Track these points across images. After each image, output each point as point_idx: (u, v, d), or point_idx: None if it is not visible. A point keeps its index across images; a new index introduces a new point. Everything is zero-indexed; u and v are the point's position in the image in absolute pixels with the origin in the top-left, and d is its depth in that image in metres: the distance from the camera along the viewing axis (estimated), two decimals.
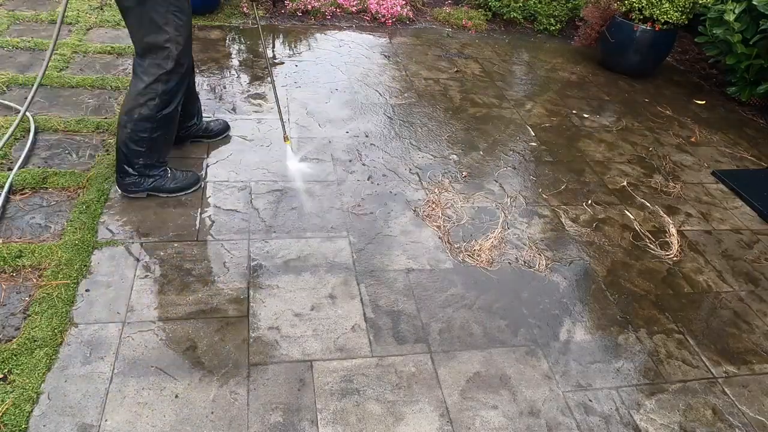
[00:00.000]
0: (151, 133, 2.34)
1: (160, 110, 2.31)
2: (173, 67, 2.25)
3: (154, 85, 2.26)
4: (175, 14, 2.15)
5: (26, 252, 2.13)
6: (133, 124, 2.31)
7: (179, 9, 2.16)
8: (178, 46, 2.21)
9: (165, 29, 2.16)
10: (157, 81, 2.26)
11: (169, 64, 2.23)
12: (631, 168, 3.32)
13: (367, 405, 1.82)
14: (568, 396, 1.95)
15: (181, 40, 2.21)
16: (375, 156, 3.04)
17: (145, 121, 2.31)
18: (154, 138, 2.36)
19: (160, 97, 2.29)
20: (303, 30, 4.47)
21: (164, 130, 2.39)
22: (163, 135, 2.40)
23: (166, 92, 2.29)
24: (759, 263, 2.73)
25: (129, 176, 2.41)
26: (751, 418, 1.98)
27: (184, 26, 2.20)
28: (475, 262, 2.44)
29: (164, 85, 2.28)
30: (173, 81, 2.29)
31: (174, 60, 2.24)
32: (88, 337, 1.88)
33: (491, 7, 5.14)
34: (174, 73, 2.27)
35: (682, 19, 4.18)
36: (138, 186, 2.43)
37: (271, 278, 2.21)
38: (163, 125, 2.37)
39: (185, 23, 2.20)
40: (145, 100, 2.28)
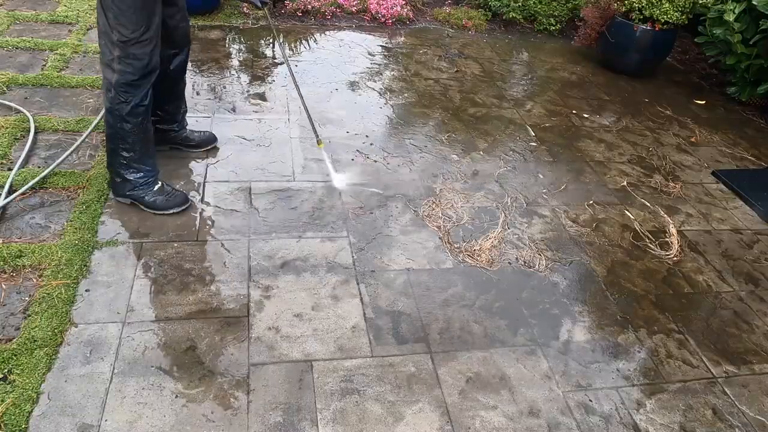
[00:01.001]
0: (117, 126, 2.25)
1: (118, 103, 2.20)
2: (119, 55, 2.13)
3: (106, 73, 2.19)
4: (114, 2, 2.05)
5: (26, 252, 2.12)
6: (105, 117, 2.28)
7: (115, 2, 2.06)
8: (120, 36, 2.09)
9: (107, 15, 2.08)
10: (108, 70, 2.18)
11: (114, 51, 2.13)
12: (631, 168, 3.32)
13: (367, 405, 1.82)
14: (568, 396, 1.95)
15: (125, 30, 2.09)
16: (375, 156, 3.04)
17: (108, 113, 2.25)
18: (122, 132, 2.26)
19: (116, 90, 2.18)
20: (303, 30, 4.47)
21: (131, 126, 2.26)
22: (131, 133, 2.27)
23: (120, 84, 2.17)
24: (759, 263, 2.73)
25: (112, 176, 2.40)
26: (751, 418, 1.98)
27: (125, 16, 2.07)
28: (475, 262, 2.44)
29: (116, 75, 2.16)
30: (127, 73, 2.16)
31: (119, 48, 2.12)
32: (88, 337, 1.88)
33: (491, 7, 5.14)
34: (123, 63, 2.14)
35: (682, 19, 4.18)
36: (118, 189, 2.40)
37: (271, 278, 2.21)
38: (125, 121, 2.24)
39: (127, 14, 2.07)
40: (105, 92, 2.22)
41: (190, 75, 3.55)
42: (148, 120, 2.34)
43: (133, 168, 2.35)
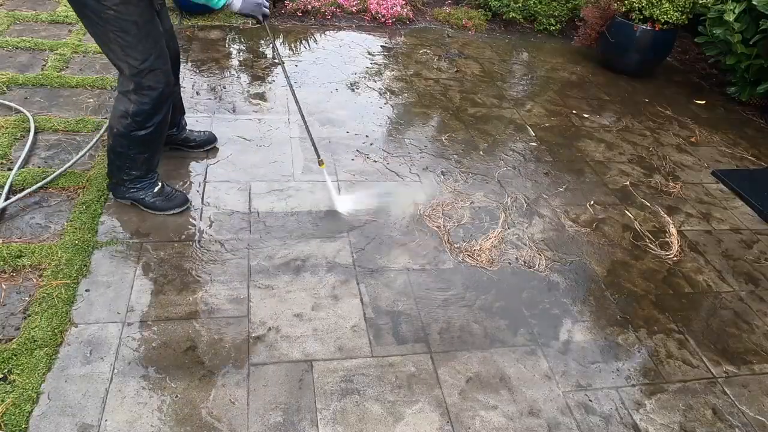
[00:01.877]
0: (128, 150, 2.27)
1: (133, 131, 2.21)
2: (134, 88, 2.13)
3: (122, 103, 2.17)
4: (116, 33, 2.00)
5: (26, 252, 2.12)
6: (112, 138, 2.26)
7: (120, 29, 2.00)
8: (131, 68, 2.08)
9: (111, 48, 2.04)
10: (124, 99, 2.17)
11: (129, 84, 2.12)
12: (631, 168, 3.32)
13: (367, 405, 1.82)
14: (568, 396, 1.95)
15: (134, 62, 2.07)
16: (375, 156, 3.04)
17: (121, 137, 2.24)
18: (131, 156, 2.29)
19: (132, 118, 2.18)
20: (303, 30, 4.47)
21: (141, 149, 2.29)
22: (142, 154, 2.30)
23: (137, 113, 2.18)
24: (759, 263, 2.73)
25: (111, 181, 2.40)
26: (751, 418, 1.98)
27: (131, 47, 2.04)
28: (475, 262, 2.44)
29: (133, 105, 2.16)
30: (144, 104, 2.16)
31: (134, 82, 2.11)
32: (88, 337, 1.88)
33: (491, 7, 5.14)
34: (139, 94, 2.15)
35: (682, 19, 4.18)
36: (118, 191, 2.40)
37: (271, 278, 2.21)
38: (140, 145, 2.27)
39: (132, 44, 2.04)
40: (118, 117, 2.20)
41: (190, 75, 3.55)
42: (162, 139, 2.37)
43: (137, 179, 2.37)
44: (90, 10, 1.95)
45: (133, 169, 2.32)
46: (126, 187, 2.36)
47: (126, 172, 2.32)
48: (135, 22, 2.00)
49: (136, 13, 1.99)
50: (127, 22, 1.99)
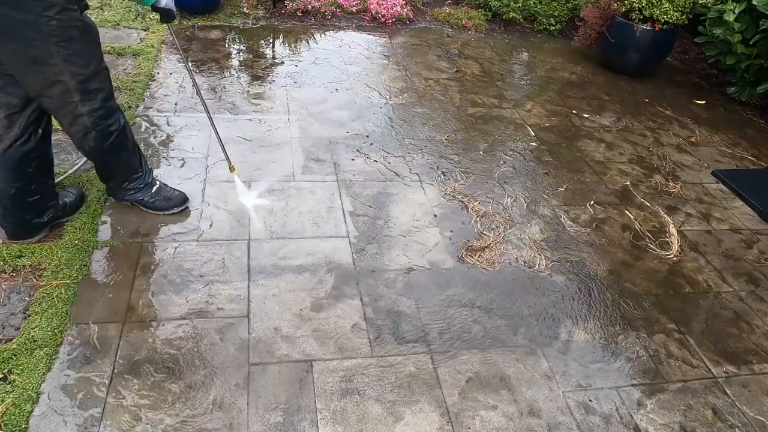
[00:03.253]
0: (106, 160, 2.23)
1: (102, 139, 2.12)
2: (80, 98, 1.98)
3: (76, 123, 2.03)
4: (59, 45, 1.85)
5: (26, 252, 2.13)
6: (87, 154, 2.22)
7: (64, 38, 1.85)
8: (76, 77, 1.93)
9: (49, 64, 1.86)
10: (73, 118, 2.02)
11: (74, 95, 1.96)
12: (631, 168, 3.32)
13: (367, 405, 1.82)
14: (568, 396, 1.95)
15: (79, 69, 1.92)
16: (375, 156, 3.04)
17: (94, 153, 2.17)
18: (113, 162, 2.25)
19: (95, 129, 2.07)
20: (303, 30, 4.47)
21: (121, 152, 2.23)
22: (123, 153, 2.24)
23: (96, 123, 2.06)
24: (759, 263, 2.73)
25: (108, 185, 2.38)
26: (751, 418, 1.98)
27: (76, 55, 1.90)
28: (475, 262, 2.44)
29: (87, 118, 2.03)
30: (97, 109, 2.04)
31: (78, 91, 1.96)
32: (88, 337, 1.88)
33: (491, 7, 5.14)
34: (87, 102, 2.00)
35: (682, 19, 4.18)
36: (117, 194, 2.39)
37: (271, 278, 2.21)
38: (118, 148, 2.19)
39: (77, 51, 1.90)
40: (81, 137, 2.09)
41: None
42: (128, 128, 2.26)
43: (131, 178, 2.34)
44: (28, 27, 1.77)
45: (121, 168, 2.29)
46: (123, 189, 2.35)
47: (117, 175, 2.30)
48: (76, 27, 1.90)
49: (75, 18, 1.89)
50: (70, 29, 1.87)
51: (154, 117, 3.07)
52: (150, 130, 2.96)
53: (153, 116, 3.08)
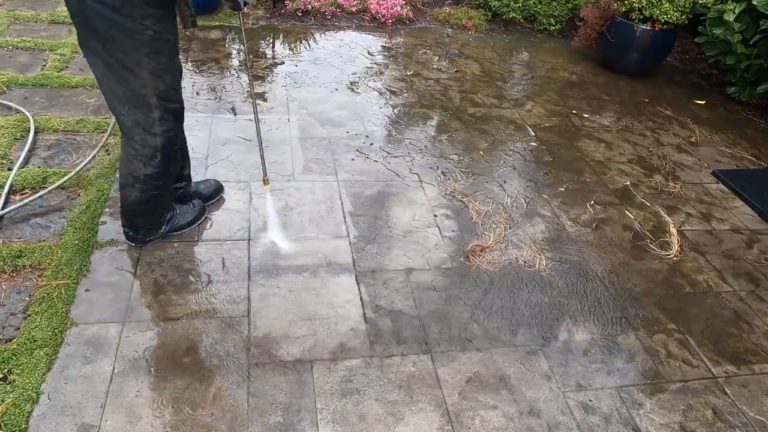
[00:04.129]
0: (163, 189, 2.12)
1: (165, 165, 2.04)
2: (160, 116, 1.93)
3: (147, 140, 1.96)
4: (150, 57, 1.81)
5: (26, 252, 2.12)
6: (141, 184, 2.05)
7: (155, 50, 1.81)
8: (158, 92, 1.88)
9: (136, 75, 1.82)
10: (147, 137, 1.95)
11: (154, 113, 1.91)
12: (631, 168, 3.32)
13: (367, 405, 1.82)
14: (568, 396, 1.95)
15: (162, 85, 1.88)
16: (375, 156, 3.04)
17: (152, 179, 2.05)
18: (155, 196, 2.12)
19: (162, 152, 2.00)
20: (303, 30, 4.47)
21: (165, 188, 2.15)
22: (165, 191, 2.16)
23: (165, 145, 2.00)
24: (759, 263, 2.73)
25: (136, 232, 2.20)
26: (751, 418, 1.98)
27: (163, 69, 1.86)
28: (475, 262, 2.44)
29: (160, 138, 1.97)
30: (169, 131, 1.99)
31: (160, 108, 1.92)
32: (88, 337, 1.88)
33: (491, 7, 5.14)
34: (163, 121, 1.95)
35: (682, 19, 4.18)
36: (145, 238, 2.23)
37: (271, 278, 2.21)
38: (164, 183, 2.12)
39: (164, 65, 1.86)
40: (146, 160, 2.00)
41: (190, 75, 3.55)
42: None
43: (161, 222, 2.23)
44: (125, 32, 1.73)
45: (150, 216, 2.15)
46: (164, 224, 2.21)
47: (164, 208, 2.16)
48: (168, 41, 1.85)
49: (169, 31, 1.84)
50: (162, 42, 1.82)
51: None
52: None
53: None
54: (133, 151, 1.98)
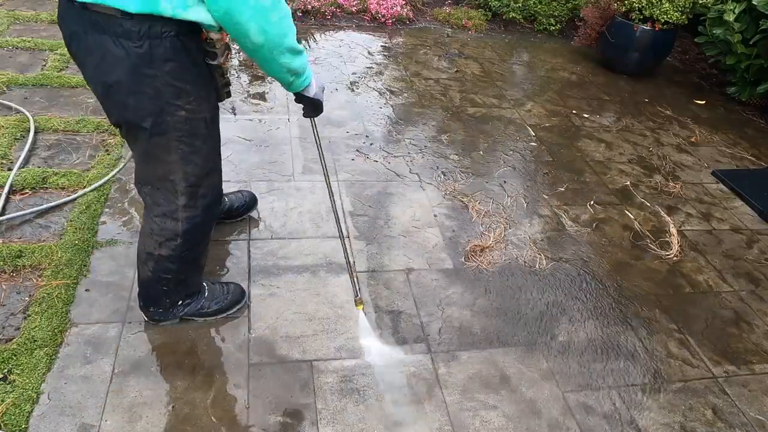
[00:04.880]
0: (177, 274, 1.82)
1: (185, 251, 1.77)
2: (185, 203, 1.68)
3: (170, 225, 1.71)
4: (182, 140, 1.56)
5: (26, 252, 2.12)
6: (154, 263, 1.79)
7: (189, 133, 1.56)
8: (188, 178, 1.63)
9: (163, 161, 1.58)
10: (172, 220, 1.70)
11: (177, 200, 1.66)
12: (631, 168, 3.32)
13: (367, 405, 1.82)
14: (568, 396, 1.95)
15: (194, 169, 1.63)
16: (375, 156, 3.04)
17: (168, 261, 1.78)
18: (181, 279, 1.86)
19: (183, 237, 1.73)
20: (303, 30, 4.47)
21: (194, 266, 1.88)
22: (193, 269, 1.89)
23: (189, 231, 1.73)
24: (759, 263, 2.73)
25: (154, 308, 1.91)
26: (751, 418, 1.98)
27: (195, 153, 1.60)
28: (475, 262, 2.44)
29: (183, 224, 1.71)
30: (196, 217, 1.72)
31: (186, 195, 1.66)
32: (88, 337, 1.88)
33: (491, 7, 5.14)
34: (190, 208, 1.69)
35: (682, 19, 4.18)
36: (167, 315, 1.93)
37: (271, 278, 2.21)
38: (192, 262, 1.85)
39: (197, 149, 1.61)
40: (164, 241, 1.74)
41: None
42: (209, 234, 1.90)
43: (185, 299, 1.93)
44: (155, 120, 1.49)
45: (173, 294, 1.88)
46: (179, 306, 1.93)
47: (177, 293, 1.89)
48: (204, 120, 1.59)
49: (207, 109, 1.59)
50: (198, 122, 1.57)
51: None
52: None
53: None
54: (149, 229, 1.74)
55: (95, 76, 1.46)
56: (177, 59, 1.42)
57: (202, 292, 1.97)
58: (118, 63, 1.38)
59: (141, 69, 1.39)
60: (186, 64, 1.46)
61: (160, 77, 1.41)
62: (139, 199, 2.45)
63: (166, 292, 1.86)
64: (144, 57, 1.38)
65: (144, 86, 1.42)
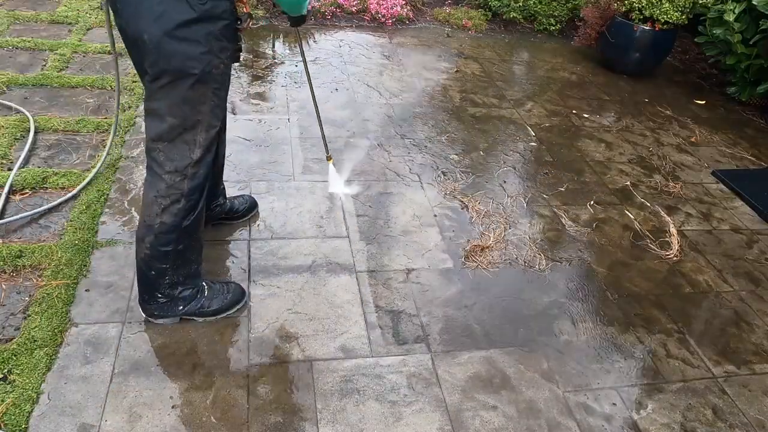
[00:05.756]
0: (176, 245, 1.81)
1: (186, 216, 1.79)
2: (201, 155, 1.74)
3: (178, 183, 1.73)
4: (216, 92, 1.70)
5: (26, 252, 2.12)
6: (153, 237, 1.78)
7: (221, 86, 1.71)
8: (210, 130, 1.73)
9: (198, 111, 1.68)
10: (181, 176, 1.73)
11: (196, 152, 1.72)
12: (631, 168, 3.32)
13: (367, 405, 1.82)
14: (568, 396, 1.95)
15: (216, 121, 1.74)
16: (375, 156, 3.04)
17: (168, 232, 1.78)
18: (180, 250, 1.83)
19: (186, 198, 1.76)
20: (303, 30, 4.47)
21: (192, 238, 1.86)
22: (191, 243, 1.87)
23: (192, 190, 1.77)
24: (759, 263, 2.73)
25: (154, 300, 1.90)
26: (751, 417, 1.98)
27: (219, 106, 1.74)
28: (475, 262, 2.44)
29: (190, 181, 1.75)
30: (200, 174, 1.77)
31: (203, 147, 1.73)
32: (88, 337, 1.88)
33: (491, 7, 5.14)
34: (201, 163, 1.75)
35: (682, 19, 4.17)
36: (166, 311, 1.93)
37: (271, 278, 2.21)
38: (191, 232, 1.84)
39: (221, 101, 1.75)
40: (168, 204, 1.75)
41: None
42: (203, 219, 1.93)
43: (185, 283, 1.91)
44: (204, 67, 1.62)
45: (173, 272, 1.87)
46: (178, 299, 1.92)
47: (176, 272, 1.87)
48: (229, 77, 1.76)
49: (230, 67, 1.75)
50: (226, 77, 1.73)
51: None
52: None
53: None
54: (155, 192, 1.75)
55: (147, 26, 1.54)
56: (228, 18, 1.63)
57: (202, 290, 1.97)
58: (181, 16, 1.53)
59: (202, 23, 1.57)
60: (230, 24, 1.66)
61: (213, 32, 1.60)
62: (139, 199, 2.46)
63: (166, 270, 1.84)
64: (206, 13, 1.56)
65: (200, 38, 1.58)
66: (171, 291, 1.89)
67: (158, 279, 1.86)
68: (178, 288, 1.90)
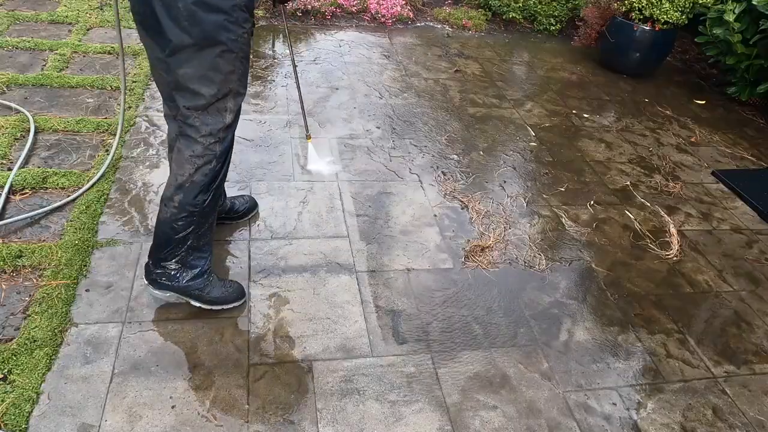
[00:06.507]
0: (202, 206, 1.87)
1: (214, 178, 1.87)
2: (232, 120, 1.85)
3: (212, 144, 1.82)
4: (242, 61, 1.79)
5: (26, 252, 2.12)
6: (182, 195, 1.83)
7: (246, 56, 1.81)
8: (239, 97, 1.84)
9: (228, 79, 1.77)
10: (215, 139, 1.82)
11: (228, 117, 1.83)
12: (631, 168, 3.32)
13: (367, 405, 1.82)
14: (568, 396, 1.95)
15: (242, 89, 1.85)
16: (375, 156, 3.04)
17: (198, 192, 1.84)
18: (206, 212, 1.89)
19: (217, 160, 1.85)
20: (303, 30, 4.47)
21: (215, 203, 1.93)
22: (214, 207, 1.94)
23: (222, 153, 1.87)
24: (759, 263, 2.73)
25: (164, 266, 1.93)
26: (751, 417, 1.98)
27: (244, 73, 1.84)
28: (475, 262, 2.44)
29: (221, 144, 1.84)
30: (228, 139, 1.89)
31: (233, 113, 1.85)
32: (88, 337, 1.88)
33: (491, 7, 5.14)
34: (231, 128, 1.87)
35: (682, 19, 4.18)
36: (171, 280, 1.94)
37: (271, 278, 2.21)
38: (216, 197, 1.91)
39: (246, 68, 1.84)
40: (201, 164, 1.83)
41: None
42: None
43: (200, 252, 1.95)
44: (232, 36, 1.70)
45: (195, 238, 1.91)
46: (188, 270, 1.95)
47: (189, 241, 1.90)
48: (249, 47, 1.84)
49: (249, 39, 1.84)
50: (249, 46, 1.81)
51: (154, 117, 3.07)
52: (150, 130, 2.96)
53: (153, 116, 3.08)
54: (191, 152, 1.82)
55: None
56: None
57: (210, 272, 2.01)
58: None
59: None
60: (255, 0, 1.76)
61: (238, 4, 1.67)
62: (139, 199, 2.46)
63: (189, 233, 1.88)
64: None
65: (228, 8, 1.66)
66: (186, 256, 1.93)
67: (179, 243, 1.89)
68: (193, 254, 1.94)
